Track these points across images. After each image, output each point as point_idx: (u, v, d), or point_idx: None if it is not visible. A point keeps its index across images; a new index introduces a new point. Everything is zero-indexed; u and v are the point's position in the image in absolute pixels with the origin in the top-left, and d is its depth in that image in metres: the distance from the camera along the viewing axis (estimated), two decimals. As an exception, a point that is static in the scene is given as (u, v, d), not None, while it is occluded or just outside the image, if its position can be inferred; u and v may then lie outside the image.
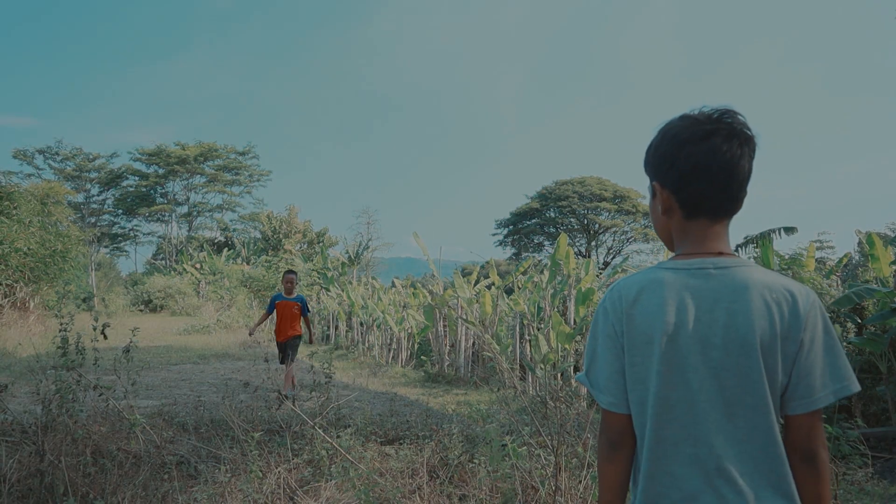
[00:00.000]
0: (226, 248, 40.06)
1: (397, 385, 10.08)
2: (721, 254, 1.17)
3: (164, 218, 47.51)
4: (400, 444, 4.35)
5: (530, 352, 9.98)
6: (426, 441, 4.22)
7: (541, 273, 13.11)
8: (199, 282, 30.40)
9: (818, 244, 21.20)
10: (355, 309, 15.91)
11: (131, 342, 4.58)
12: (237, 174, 48.65)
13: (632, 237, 39.94)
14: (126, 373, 4.46)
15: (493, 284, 13.83)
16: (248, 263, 34.35)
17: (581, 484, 3.16)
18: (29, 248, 13.57)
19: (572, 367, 9.17)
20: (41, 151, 43.84)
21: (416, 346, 14.17)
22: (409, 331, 14.13)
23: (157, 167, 45.97)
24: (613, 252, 40.77)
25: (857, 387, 1.14)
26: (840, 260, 9.13)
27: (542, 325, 10.61)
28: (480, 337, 11.37)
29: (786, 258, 7.55)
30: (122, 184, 47.02)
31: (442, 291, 13.09)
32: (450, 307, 12.30)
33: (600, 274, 16.00)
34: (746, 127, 1.16)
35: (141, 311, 26.82)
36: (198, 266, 32.78)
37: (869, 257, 6.73)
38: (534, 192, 41.87)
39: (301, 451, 4.11)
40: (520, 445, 3.61)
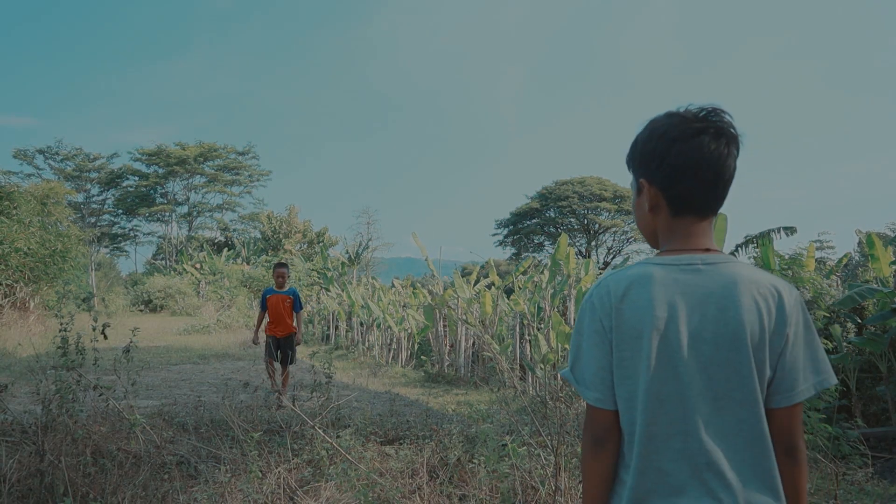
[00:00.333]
0: (226, 248, 40.07)
1: (397, 385, 10.08)
2: (708, 250, 1.18)
3: (164, 218, 47.53)
4: (400, 444, 4.34)
5: (530, 352, 9.98)
6: (426, 441, 4.22)
7: (541, 273, 13.11)
8: (199, 282, 30.41)
9: (818, 244, 21.21)
10: (355, 309, 15.91)
11: (131, 342, 4.58)
12: (237, 174, 48.66)
13: (632, 237, 39.96)
14: (126, 373, 4.46)
15: (492, 284, 13.83)
16: (248, 263, 34.35)
17: (581, 484, 3.16)
18: (29, 248, 13.57)
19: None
20: (41, 151, 43.87)
21: (416, 346, 14.16)
22: (409, 331, 14.13)
23: (157, 167, 45.97)
24: (613, 252, 40.79)
25: (834, 380, 1.18)
26: (840, 260, 9.13)
27: (542, 325, 10.62)
28: (480, 337, 11.37)
29: (786, 258, 7.54)
30: (123, 184, 47.03)
31: (442, 291, 13.10)
32: (450, 307, 12.30)
33: (600, 274, 16.00)
34: (732, 126, 1.17)
35: (141, 311, 26.83)
36: (198, 266, 32.79)
37: (869, 257, 6.73)
38: (534, 192, 41.89)
39: (301, 451, 4.11)
40: (520, 445, 3.61)
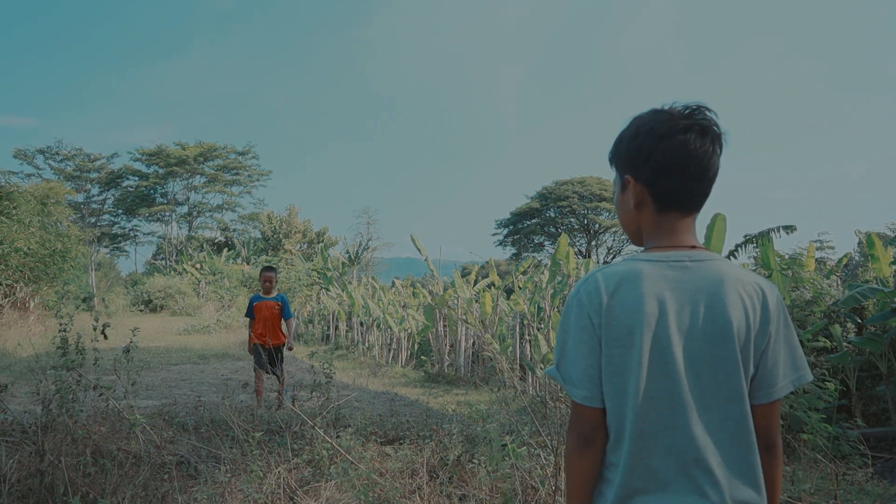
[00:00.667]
0: (226, 249, 40.08)
1: (397, 385, 10.08)
2: (694, 247, 1.19)
3: (164, 218, 47.53)
4: (400, 444, 4.34)
5: (530, 352, 9.98)
6: (426, 441, 4.21)
7: (541, 273, 13.11)
8: (199, 282, 30.42)
9: (818, 244, 21.20)
10: (355, 309, 15.91)
11: (131, 342, 4.58)
12: (237, 174, 48.67)
13: (632, 237, 39.84)
14: (126, 373, 4.45)
15: (492, 284, 13.83)
16: (248, 263, 34.35)
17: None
18: (29, 248, 13.58)
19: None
20: (41, 151, 43.88)
21: (416, 346, 14.16)
22: (409, 331, 14.13)
23: (157, 167, 45.97)
24: (613, 252, 40.79)
25: (811, 376, 1.21)
26: (840, 260, 9.13)
27: (542, 325, 10.62)
28: (480, 337, 11.37)
29: (786, 258, 7.55)
30: (123, 184, 47.04)
31: (442, 291, 13.10)
32: (450, 307, 12.30)
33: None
34: (716, 124, 1.18)
35: (141, 311, 26.83)
36: (198, 266, 32.80)
37: (869, 257, 6.73)
38: (534, 192, 41.90)
39: (301, 451, 4.10)
40: (520, 445, 3.61)
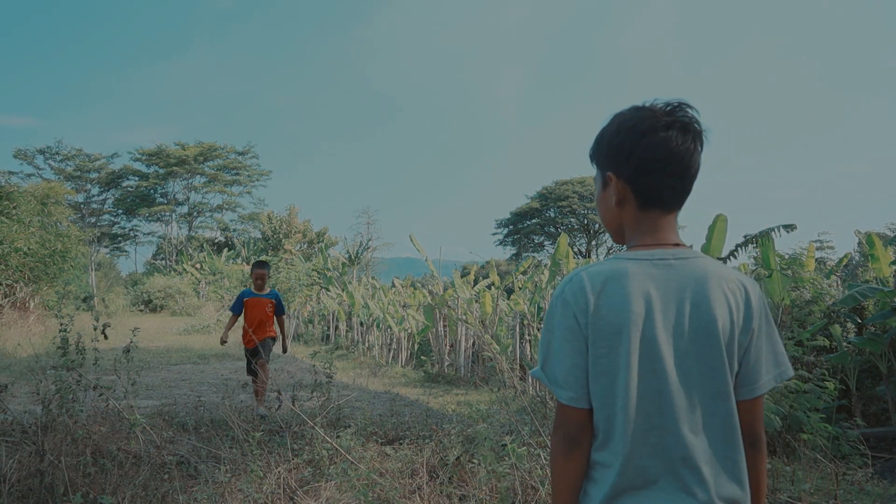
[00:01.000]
0: (226, 249, 40.09)
1: (397, 385, 10.08)
2: (677, 245, 1.19)
3: (164, 218, 47.54)
4: (400, 444, 4.34)
5: (530, 352, 9.98)
6: (426, 441, 4.21)
7: (541, 273, 13.11)
8: (199, 282, 30.44)
9: (818, 244, 21.20)
10: (355, 309, 15.91)
11: (131, 342, 4.58)
12: (237, 174, 48.68)
13: (632, 237, 39.86)
14: (126, 373, 4.45)
15: (492, 284, 13.83)
16: (248, 263, 34.34)
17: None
18: (29, 248, 13.58)
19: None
20: (41, 151, 43.90)
21: (416, 346, 14.16)
22: (409, 331, 14.13)
23: (157, 167, 45.98)
24: (614, 252, 40.79)
25: (791, 371, 1.22)
26: (840, 260, 9.14)
27: (542, 325, 10.60)
28: (480, 337, 11.37)
29: (786, 258, 7.55)
30: (123, 184, 47.05)
31: (442, 291, 13.10)
32: (450, 307, 12.30)
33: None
34: (698, 121, 1.18)
35: (141, 311, 26.84)
36: (198, 266, 32.82)
37: (869, 257, 6.73)
38: (534, 192, 41.93)
39: (301, 451, 4.10)
40: (520, 445, 3.61)
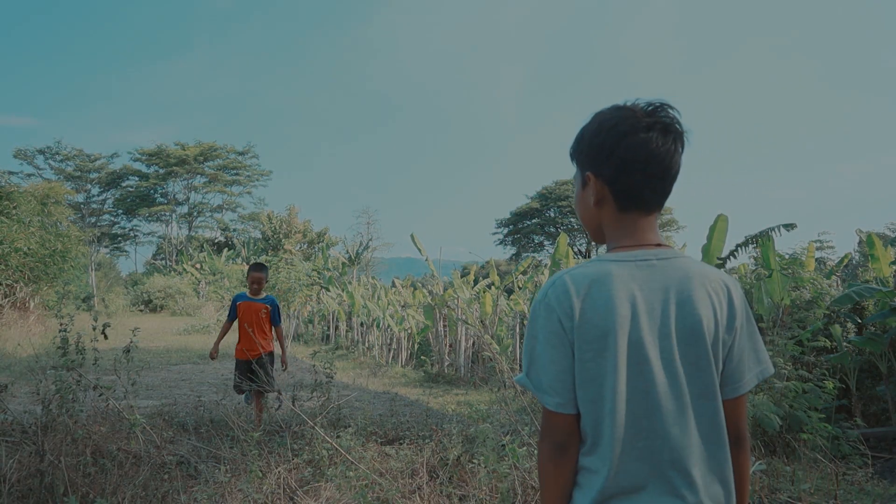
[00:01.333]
0: (226, 249, 40.08)
1: (397, 385, 10.08)
2: (658, 245, 1.17)
3: (164, 218, 47.54)
4: (400, 444, 4.34)
5: (530, 352, 9.95)
6: (426, 441, 4.22)
7: (541, 273, 13.10)
8: (199, 282, 30.42)
9: (818, 244, 21.19)
10: (355, 309, 15.91)
11: (131, 342, 4.57)
12: (237, 174, 48.67)
13: (632, 237, 39.84)
14: (126, 373, 4.45)
15: (492, 284, 13.83)
16: (248, 264, 34.33)
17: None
18: (29, 248, 13.57)
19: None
20: (41, 151, 43.90)
21: (416, 346, 14.17)
22: (409, 331, 14.13)
23: (157, 167, 45.97)
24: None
25: (772, 368, 1.22)
26: (840, 260, 9.14)
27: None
28: (480, 337, 11.37)
29: (786, 258, 7.55)
30: (123, 184, 47.05)
31: (442, 291, 13.10)
32: (449, 307, 12.30)
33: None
34: (679, 122, 1.16)
35: (141, 311, 26.82)
36: (198, 266, 32.81)
37: (869, 257, 6.74)
38: (534, 192, 41.92)
39: (301, 451, 4.11)
40: (520, 445, 3.61)
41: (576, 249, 38.63)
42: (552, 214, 40.66)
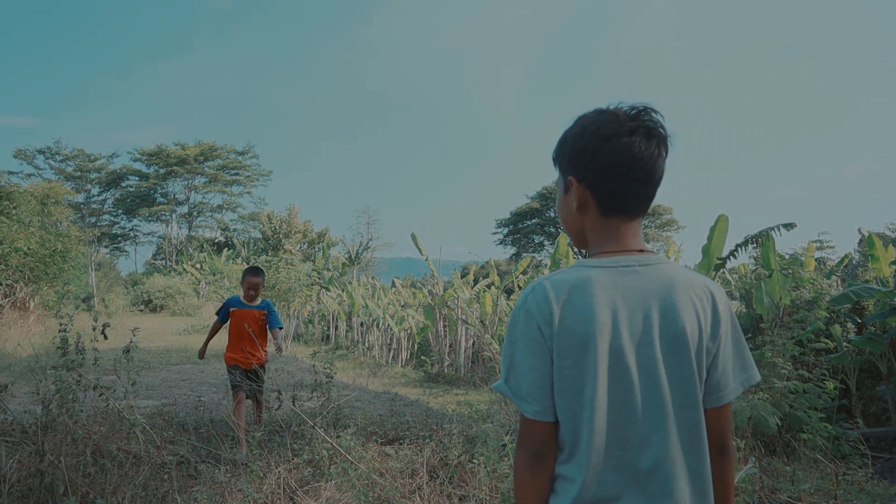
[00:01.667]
0: (226, 249, 40.09)
1: (397, 385, 10.08)
2: (642, 251, 1.16)
3: (164, 218, 47.56)
4: (400, 444, 4.35)
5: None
6: (426, 441, 4.22)
7: (540, 273, 13.10)
8: (199, 282, 30.44)
9: (818, 244, 21.21)
10: (355, 309, 15.91)
11: (131, 342, 4.58)
12: (237, 174, 48.71)
13: (632, 237, 39.91)
14: (126, 373, 4.45)
15: (492, 284, 13.83)
16: (248, 264, 34.36)
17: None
18: (29, 248, 13.57)
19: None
20: (41, 151, 43.92)
21: (416, 346, 14.17)
22: (409, 331, 14.14)
23: (157, 167, 46.00)
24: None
25: (759, 377, 1.19)
26: (840, 260, 9.14)
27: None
28: (480, 337, 11.37)
29: (786, 258, 7.55)
30: (123, 184, 47.07)
31: (442, 291, 13.10)
32: (449, 307, 12.31)
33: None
34: (663, 126, 1.15)
35: (141, 311, 26.83)
36: (198, 266, 32.82)
37: (869, 257, 6.74)
38: (534, 192, 41.95)
39: (301, 451, 4.11)
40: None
41: (576, 250, 38.63)
42: (552, 214, 40.67)
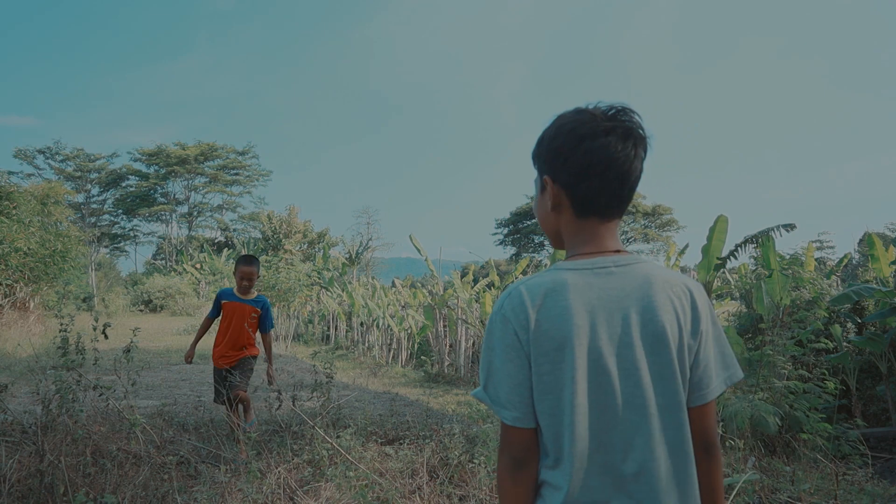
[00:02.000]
0: (226, 248, 40.10)
1: (397, 385, 10.08)
2: (618, 251, 1.15)
3: (164, 218, 47.59)
4: (400, 444, 4.35)
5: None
6: (426, 441, 4.22)
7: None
8: (200, 282, 30.45)
9: (818, 244, 21.20)
10: (355, 309, 15.92)
11: (131, 342, 4.57)
12: (237, 174, 48.73)
13: (632, 237, 39.95)
14: (126, 373, 4.45)
15: (492, 284, 13.84)
16: (248, 263, 34.30)
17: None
18: (29, 248, 13.57)
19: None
20: (41, 151, 43.94)
21: (416, 346, 14.17)
22: (409, 331, 14.14)
23: (157, 167, 46.02)
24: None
25: (741, 374, 1.17)
26: (840, 260, 9.15)
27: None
28: (480, 337, 11.37)
29: (786, 258, 7.55)
30: (123, 184, 47.10)
31: (442, 291, 13.11)
32: (449, 307, 12.31)
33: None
34: (641, 127, 1.13)
35: (141, 311, 26.84)
36: (198, 266, 32.83)
37: (869, 257, 6.74)
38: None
39: (301, 451, 4.11)
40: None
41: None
42: (552, 214, 40.68)
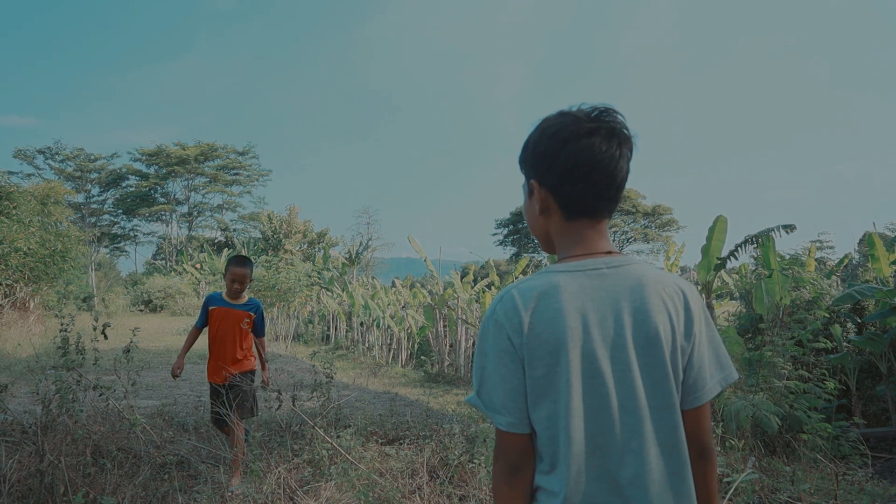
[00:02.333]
0: (226, 248, 40.11)
1: (397, 385, 10.08)
2: (610, 253, 1.14)
3: (164, 218, 47.59)
4: (400, 444, 4.35)
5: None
6: (426, 441, 4.22)
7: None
8: (200, 282, 30.45)
9: (818, 244, 21.21)
10: (355, 309, 15.91)
11: (131, 342, 4.57)
12: (237, 174, 48.74)
13: (632, 237, 39.95)
14: (126, 373, 4.45)
15: (492, 284, 13.84)
16: (248, 263, 34.29)
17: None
18: (29, 248, 13.58)
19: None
20: (41, 151, 43.94)
21: (416, 346, 14.18)
22: (409, 331, 14.14)
23: (157, 167, 46.03)
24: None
25: (736, 375, 1.16)
26: (840, 260, 9.15)
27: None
28: (480, 337, 11.38)
29: (786, 258, 7.55)
30: (123, 184, 47.10)
31: (442, 292, 13.11)
32: (449, 307, 12.31)
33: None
34: (626, 127, 1.13)
35: (141, 311, 26.85)
36: (198, 266, 32.84)
37: (869, 257, 6.74)
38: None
39: (301, 451, 4.11)
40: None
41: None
42: (552, 214, 40.68)
